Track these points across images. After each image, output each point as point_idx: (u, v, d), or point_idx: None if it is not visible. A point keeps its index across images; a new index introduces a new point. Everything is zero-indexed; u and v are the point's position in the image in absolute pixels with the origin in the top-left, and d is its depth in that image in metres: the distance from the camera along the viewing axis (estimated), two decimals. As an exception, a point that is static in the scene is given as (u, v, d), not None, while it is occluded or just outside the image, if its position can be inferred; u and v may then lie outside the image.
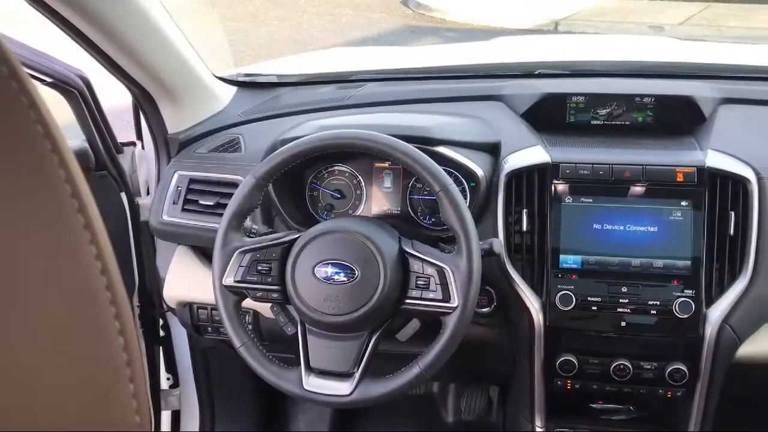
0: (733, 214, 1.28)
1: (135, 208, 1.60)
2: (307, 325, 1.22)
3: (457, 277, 1.15)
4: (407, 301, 1.18)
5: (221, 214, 1.27)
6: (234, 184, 1.45)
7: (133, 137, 1.64)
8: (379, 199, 1.47)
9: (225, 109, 1.66)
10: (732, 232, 1.28)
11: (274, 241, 1.24)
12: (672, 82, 1.56)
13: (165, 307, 1.64)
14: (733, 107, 1.46)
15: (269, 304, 1.26)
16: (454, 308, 1.15)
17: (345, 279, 1.17)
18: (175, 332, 1.76)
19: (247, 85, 1.76)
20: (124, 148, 1.60)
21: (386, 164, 1.46)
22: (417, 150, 1.20)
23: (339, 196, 1.48)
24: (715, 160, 1.31)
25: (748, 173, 1.28)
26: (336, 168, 1.49)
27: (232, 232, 1.24)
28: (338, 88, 1.73)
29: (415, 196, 1.46)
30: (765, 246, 1.26)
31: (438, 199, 1.18)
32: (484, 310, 1.35)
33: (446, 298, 1.15)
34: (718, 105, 1.46)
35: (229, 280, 1.23)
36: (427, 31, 8.16)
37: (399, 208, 1.46)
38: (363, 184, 1.48)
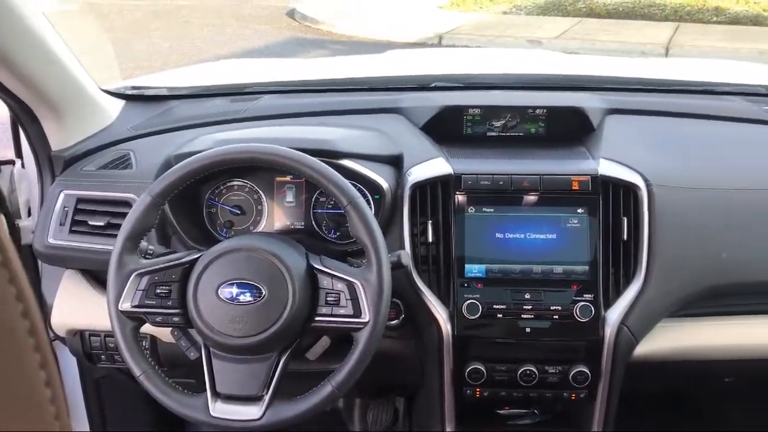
0: (625, 219, 1.33)
1: (15, 231, 1.48)
2: (211, 349, 1.16)
3: (368, 292, 1.14)
4: (317, 318, 1.16)
5: (114, 235, 1.20)
6: (127, 203, 1.38)
7: (10, 155, 1.52)
8: (282, 214, 1.44)
9: (113, 124, 1.58)
10: (625, 237, 1.33)
11: (174, 262, 1.18)
12: (562, 94, 1.62)
13: (52, 335, 1.53)
14: (619, 117, 1.53)
15: (170, 329, 1.20)
16: (366, 323, 1.13)
17: (251, 299, 1.13)
18: (63, 362, 1.65)
19: (135, 98, 1.67)
20: (2, 167, 1.48)
21: (288, 178, 1.43)
22: (322, 163, 1.18)
23: (239, 212, 1.44)
24: (606, 168, 1.36)
25: (637, 180, 1.34)
26: (235, 183, 1.44)
27: (128, 253, 1.17)
28: (233, 101, 1.68)
29: (319, 210, 1.43)
30: (656, 250, 1.32)
31: (346, 213, 1.16)
32: (392, 322, 1.34)
33: (357, 313, 1.14)
34: (605, 115, 1.52)
35: (125, 305, 1.16)
36: (314, 43, 8.16)
37: (303, 223, 1.43)
38: (264, 199, 1.44)
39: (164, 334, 1.30)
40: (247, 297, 1.13)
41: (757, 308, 1.43)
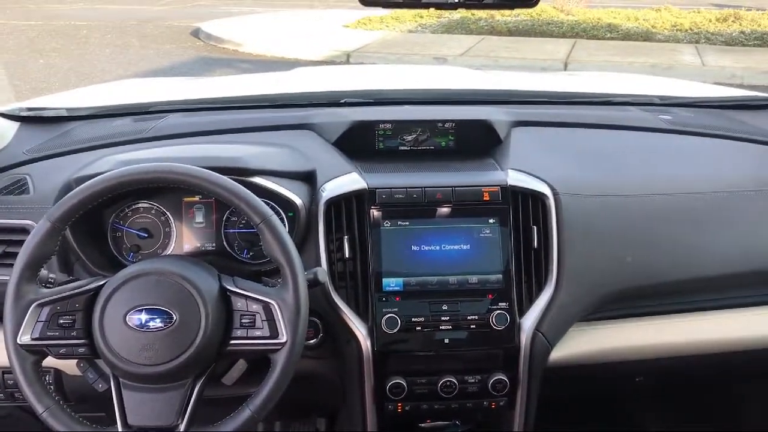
0: (535, 228, 1.37)
1: None
2: (121, 380, 1.11)
3: (285, 312, 1.11)
4: (232, 341, 1.12)
5: (10, 265, 1.13)
6: (24, 230, 1.30)
7: None
8: (191, 236, 1.39)
9: (7, 147, 1.49)
10: (536, 245, 1.36)
11: (77, 290, 1.12)
12: (470, 108, 1.65)
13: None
14: (525, 129, 1.58)
15: (75, 361, 1.14)
16: (283, 344, 1.11)
17: (162, 325, 1.08)
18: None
19: (32, 120, 1.59)
20: None
21: (197, 198, 1.39)
22: (232, 181, 1.16)
23: (145, 235, 1.38)
24: (515, 178, 1.39)
25: (545, 189, 1.38)
26: (140, 205, 1.39)
27: (26, 283, 1.11)
28: (136, 121, 1.62)
29: (231, 230, 1.40)
30: (565, 256, 1.36)
31: (259, 232, 1.14)
32: (311, 341, 1.32)
33: (274, 334, 1.11)
34: (511, 128, 1.56)
35: (25, 338, 1.09)
36: (221, 62, 8.03)
37: (214, 244, 1.39)
38: (172, 220, 1.39)
39: (69, 366, 1.23)
40: (157, 323, 1.08)
41: (664, 308, 1.49)
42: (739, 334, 1.51)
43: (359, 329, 1.32)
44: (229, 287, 1.14)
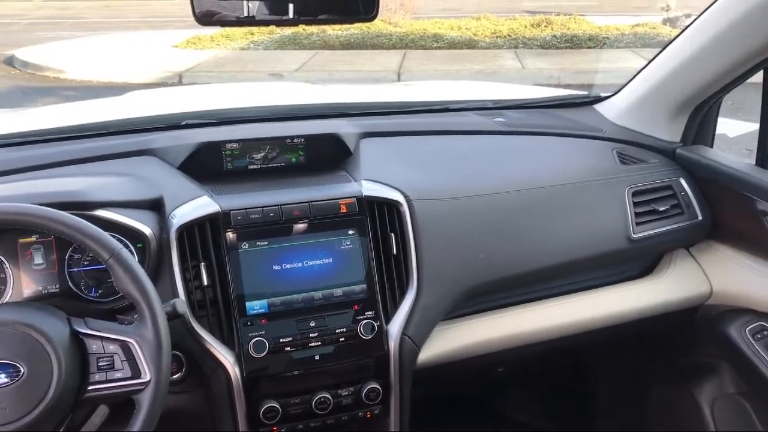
0: (393, 235, 1.39)
1: None
2: None
3: (145, 349, 1.05)
4: (90, 387, 1.05)
5: None
6: None
7: None
8: (31, 280, 1.28)
9: None
10: (395, 252, 1.39)
11: None
12: (317, 122, 1.66)
13: None
14: (373, 140, 1.60)
15: None
16: (147, 383, 1.05)
17: (7, 380, 0.99)
18: None
19: None
20: None
21: (33, 238, 1.28)
22: (73, 216, 1.08)
23: None
24: (369, 189, 1.41)
25: (398, 197, 1.41)
26: None
27: None
28: None
29: (76, 269, 1.30)
30: (423, 260, 1.40)
31: (108, 268, 1.07)
32: (175, 376, 1.26)
33: (136, 373, 1.05)
34: (359, 139, 1.58)
35: None
36: (42, 91, 7.51)
37: (57, 286, 1.29)
38: (6, 265, 1.27)
39: None
40: (2, 378, 0.98)
41: (519, 299, 1.58)
42: (584, 315, 1.62)
43: (226, 357, 1.27)
44: (80, 330, 1.06)
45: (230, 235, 1.30)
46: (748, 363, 1.57)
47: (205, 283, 1.29)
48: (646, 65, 1.75)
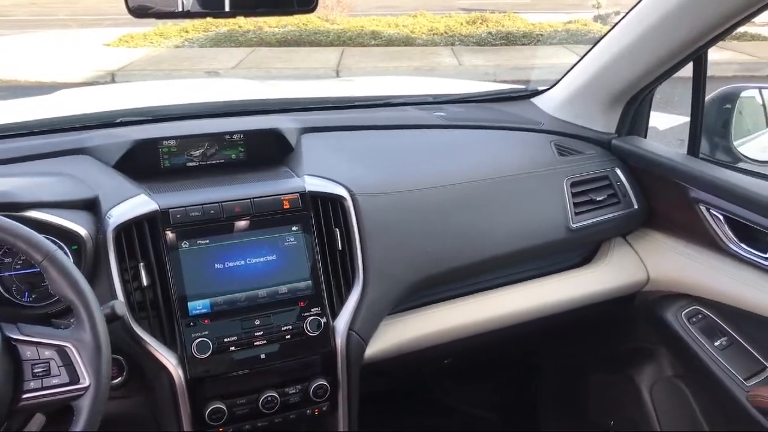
0: (338, 231, 1.38)
1: None
2: None
3: (83, 353, 1.02)
4: (25, 396, 1.00)
5: None
6: None
7: None
8: (-43, 287, 1.22)
9: None
10: (340, 247, 1.38)
11: None
12: (258, 118, 1.63)
13: None
14: (314, 135, 1.59)
15: None
16: (86, 388, 1.01)
17: None
18: None
19: None
20: None
21: (-42, 243, 1.22)
22: (3, 218, 1.03)
23: None
24: (312, 184, 1.40)
25: (342, 192, 1.40)
26: None
27: None
28: None
29: (6, 273, 1.24)
30: (369, 254, 1.39)
31: (42, 270, 1.03)
32: (116, 381, 1.22)
33: (74, 379, 1.01)
34: (301, 134, 1.57)
35: None
36: (-36, 91, 7.19)
37: None
38: None
39: None
40: None
41: (463, 291, 1.59)
42: (527, 305, 1.64)
43: (168, 359, 1.24)
44: (13, 336, 1.02)
45: (170, 234, 1.27)
46: (685, 346, 1.62)
47: (145, 283, 1.26)
48: (580, 60, 1.79)
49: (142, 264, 1.26)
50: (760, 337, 1.57)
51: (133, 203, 1.29)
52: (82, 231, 1.24)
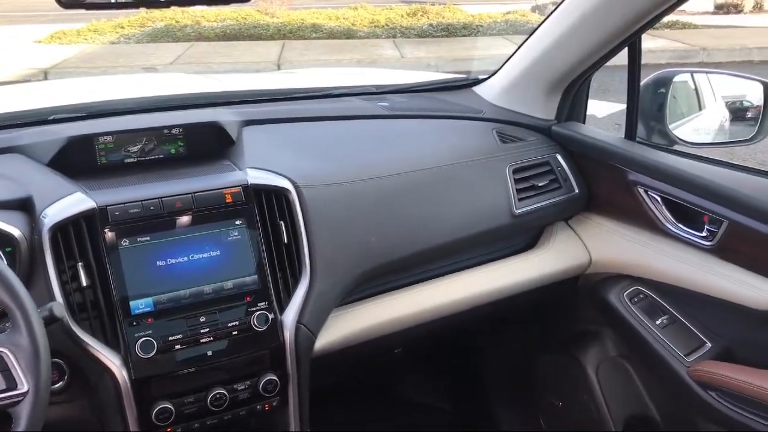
0: (282, 223, 1.37)
1: None
2: None
3: (21, 358, 0.98)
4: None
5: None
6: None
7: None
8: None
9: None
10: (286, 240, 1.36)
11: None
12: (197, 111, 1.60)
13: None
14: (256, 128, 1.57)
15: None
16: (24, 394, 0.98)
17: None
18: None
19: None
20: None
21: None
22: None
23: None
24: (255, 177, 1.38)
25: (286, 184, 1.39)
26: None
27: None
28: None
29: None
30: (315, 246, 1.38)
31: None
32: (56, 386, 1.18)
33: (12, 385, 0.97)
34: (242, 127, 1.54)
35: None
36: None
37: None
38: None
39: None
40: None
41: (412, 279, 1.60)
42: (474, 290, 1.66)
43: (112, 360, 1.21)
44: None
45: (109, 233, 1.24)
46: (628, 326, 1.66)
47: (84, 284, 1.22)
48: (518, 48, 1.82)
49: (80, 264, 1.22)
50: (698, 314, 1.62)
51: (69, 202, 1.25)
52: (16, 232, 1.19)
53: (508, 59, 1.86)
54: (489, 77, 1.97)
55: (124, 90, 2.08)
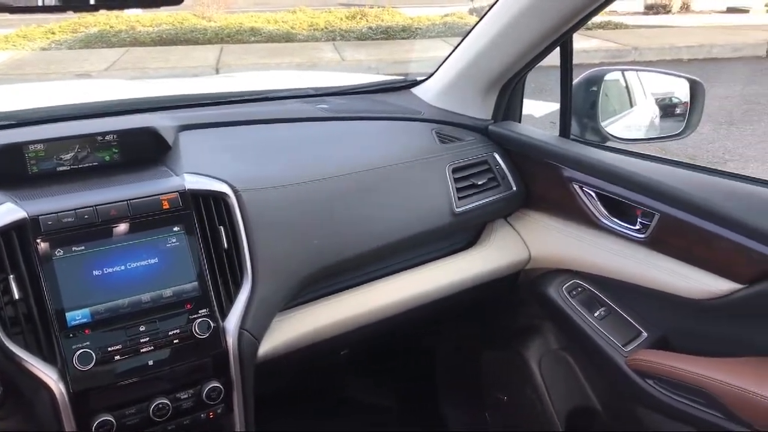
0: (222, 228, 1.35)
1: None
2: None
3: None
4: None
5: None
6: None
7: None
8: None
9: None
10: (226, 245, 1.35)
11: None
12: (132, 117, 1.57)
13: None
14: (193, 132, 1.55)
15: None
16: None
17: None
18: None
19: None
20: None
21: None
22: None
23: None
24: (192, 182, 1.36)
25: (225, 189, 1.37)
26: None
27: None
28: None
29: None
30: (257, 251, 1.37)
31: None
32: (-10, 403, 1.14)
33: None
34: (178, 132, 1.51)
35: None
36: None
37: None
38: None
39: None
40: None
41: (357, 280, 1.60)
42: (418, 289, 1.67)
43: (48, 374, 1.17)
44: None
45: (41, 243, 1.20)
46: (567, 319, 1.70)
47: (17, 296, 1.18)
48: (454, 50, 1.84)
49: (12, 276, 1.18)
50: (635, 305, 1.67)
51: None
52: (-59, 245, 1.15)
53: (445, 60, 1.89)
54: (427, 78, 1.99)
55: (56, 97, 2.02)
